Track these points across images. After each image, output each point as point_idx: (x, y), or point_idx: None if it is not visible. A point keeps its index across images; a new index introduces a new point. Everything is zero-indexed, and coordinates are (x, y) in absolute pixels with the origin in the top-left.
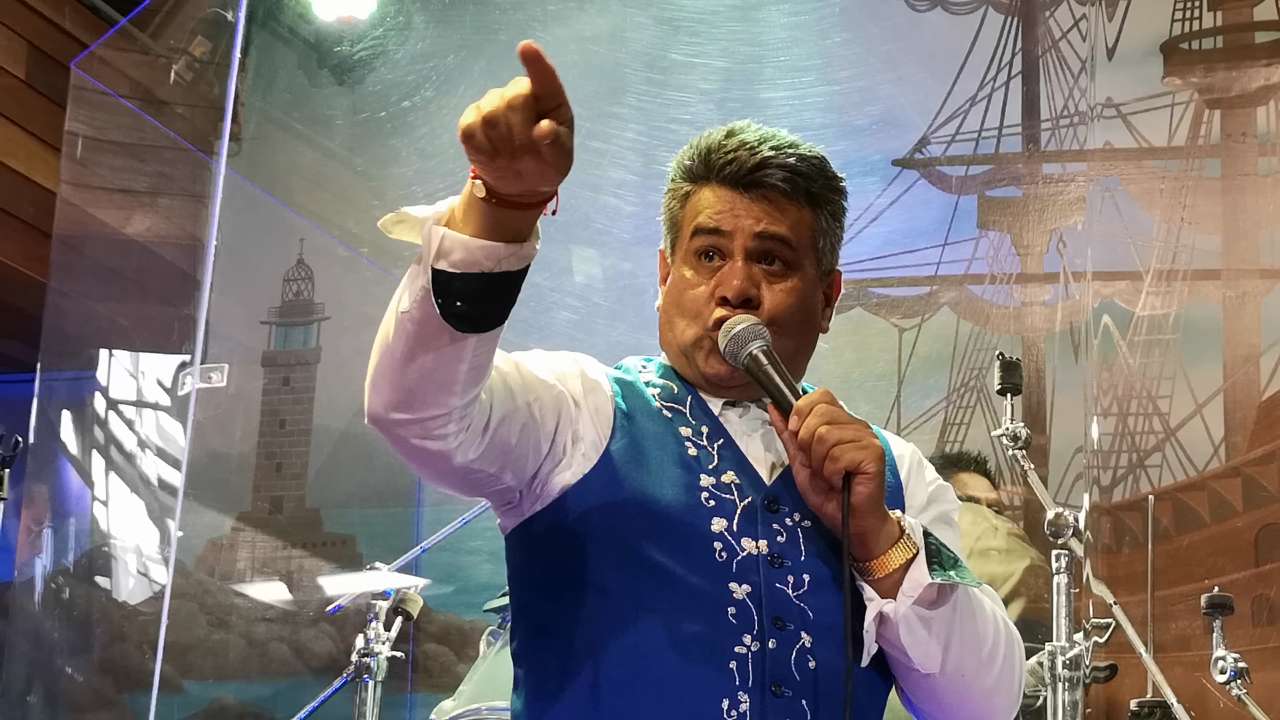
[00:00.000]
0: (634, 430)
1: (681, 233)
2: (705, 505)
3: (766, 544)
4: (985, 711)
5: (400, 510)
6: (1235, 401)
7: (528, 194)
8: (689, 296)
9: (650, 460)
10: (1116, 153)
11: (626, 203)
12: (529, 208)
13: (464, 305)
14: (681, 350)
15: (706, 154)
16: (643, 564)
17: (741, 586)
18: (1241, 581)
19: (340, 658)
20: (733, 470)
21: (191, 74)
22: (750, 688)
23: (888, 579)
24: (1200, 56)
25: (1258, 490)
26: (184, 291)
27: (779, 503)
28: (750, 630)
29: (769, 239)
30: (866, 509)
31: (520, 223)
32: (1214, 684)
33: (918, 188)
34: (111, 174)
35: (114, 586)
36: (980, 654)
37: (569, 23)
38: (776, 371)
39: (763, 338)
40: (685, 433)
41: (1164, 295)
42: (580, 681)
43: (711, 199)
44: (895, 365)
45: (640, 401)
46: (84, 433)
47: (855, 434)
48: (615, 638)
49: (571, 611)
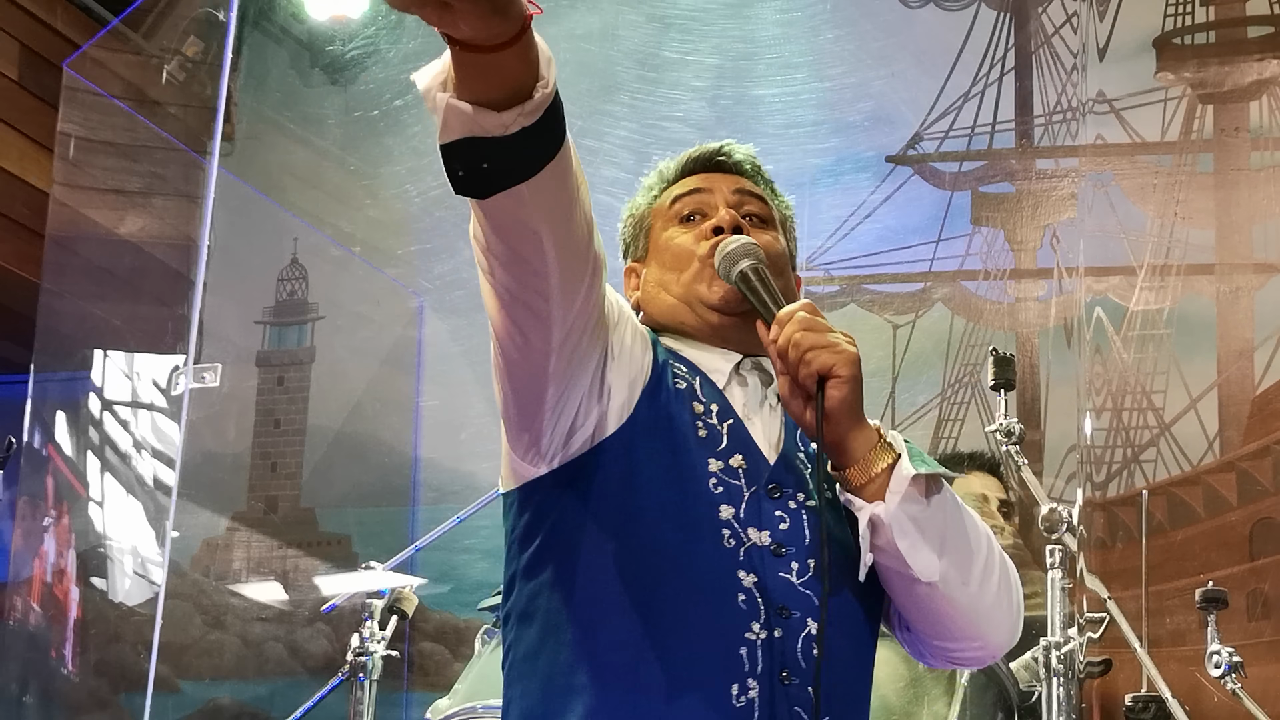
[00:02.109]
0: (660, 400)
1: (655, 222)
2: (714, 492)
3: (769, 534)
4: (986, 628)
5: (395, 510)
6: (1229, 396)
7: (482, 35)
8: (677, 245)
9: (671, 437)
10: (1109, 148)
11: (619, 201)
12: (500, 47)
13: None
14: (682, 299)
15: (671, 164)
16: (653, 545)
17: (748, 575)
18: (1236, 576)
19: (336, 657)
20: (740, 454)
21: (184, 74)
22: (760, 675)
23: (871, 484)
24: (1193, 51)
25: (1252, 485)
26: (177, 291)
27: (781, 486)
28: (758, 618)
29: (747, 195)
30: (841, 413)
31: (505, 66)
32: (1209, 678)
33: (911, 184)
34: (104, 174)
35: (109, 587)
36: (976, 561)
37: (560, 20)
38: (764, 286)
39: (754, 255)
40: (698, 409)
41: (1157, 290)
42: (584, 662)
43: (685, 180)
44: (889, 362)
45: (666, 371)
46: (78, 433)
47: (829, 339)
48: (622, 618)
49: (574, 584)
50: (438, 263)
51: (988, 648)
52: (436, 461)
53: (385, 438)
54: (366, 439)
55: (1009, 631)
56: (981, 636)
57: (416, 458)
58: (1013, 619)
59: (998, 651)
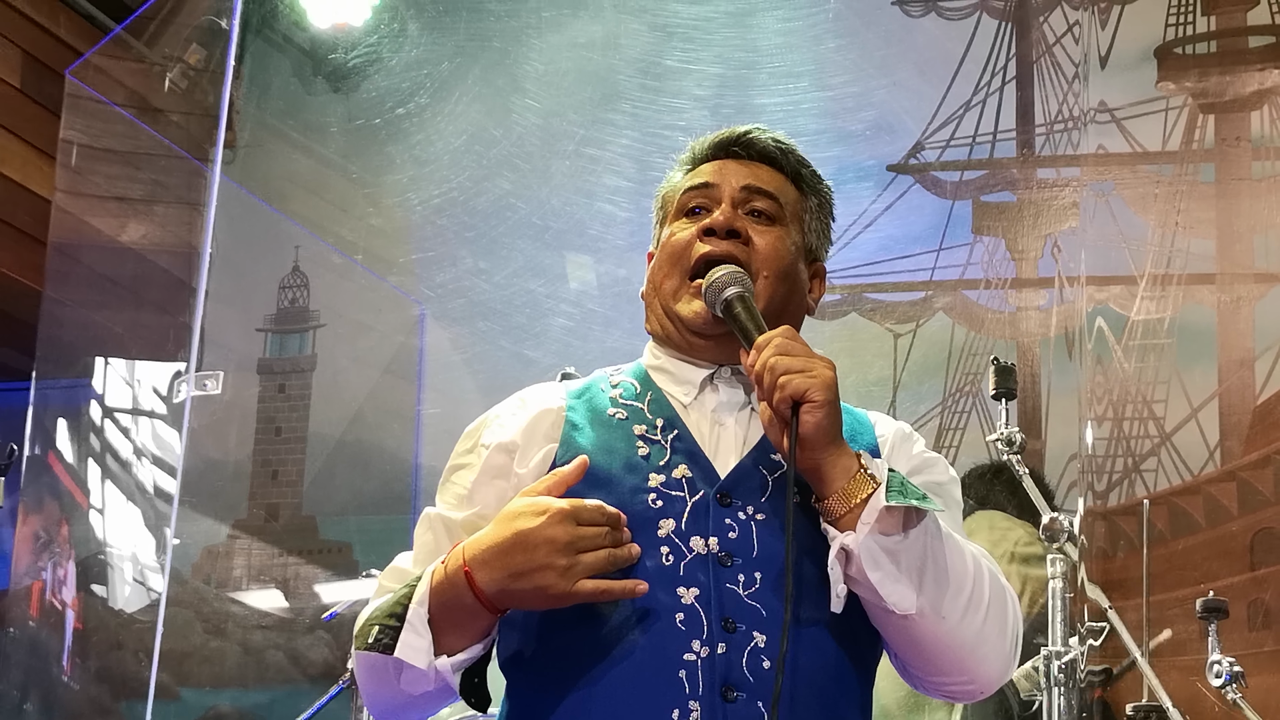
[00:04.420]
0: (580, 443)
1: (669, 209)
2: (653, 507)
3: (717, 541)
4: (972, 664)
5: (396, 517)
6: (1230, 406)
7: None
8: (673, 243)
9: (595, 471)
10: (1111, 157)
11: (621, 209)
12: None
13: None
14: (665, 310)
15: (701, 143)
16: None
17: (689, 590)
18: (1237, 586)
19: (336, 665)
20: (685, 464)
21: (186, 82)
22: (700, 695)
23: (849, 515)
24: (1194, 61)
25: (1253, 494)
26: (179, 299)
27: (731, 496)
28: (699, 635)
29: (755, 191)
30: (817, 440)
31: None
32: (1209, 688)
33: (912, 193)
34: (107, 182)
35: (110, 594)
36: (961, 595)
37: (563, 29)
38: (748, 314)
39: (741, 284)
40: (639, 431)
41: (1158, 300)
42: (544, 702)
43: (703, 167)
44: (890, 371)
45: (593, 411)
46: (80, 441)
47: (805, 364)
48: (569, 657)
49: (531, 631)
50: (439, 271)
51: (975, 682)
52: (437, 469)
53: (386, 445)
54: (368, 447)
55: (1000, 667)
56: (967, 671)
57: (417, 465)
58: (1004, 654)
59: (988, 687)
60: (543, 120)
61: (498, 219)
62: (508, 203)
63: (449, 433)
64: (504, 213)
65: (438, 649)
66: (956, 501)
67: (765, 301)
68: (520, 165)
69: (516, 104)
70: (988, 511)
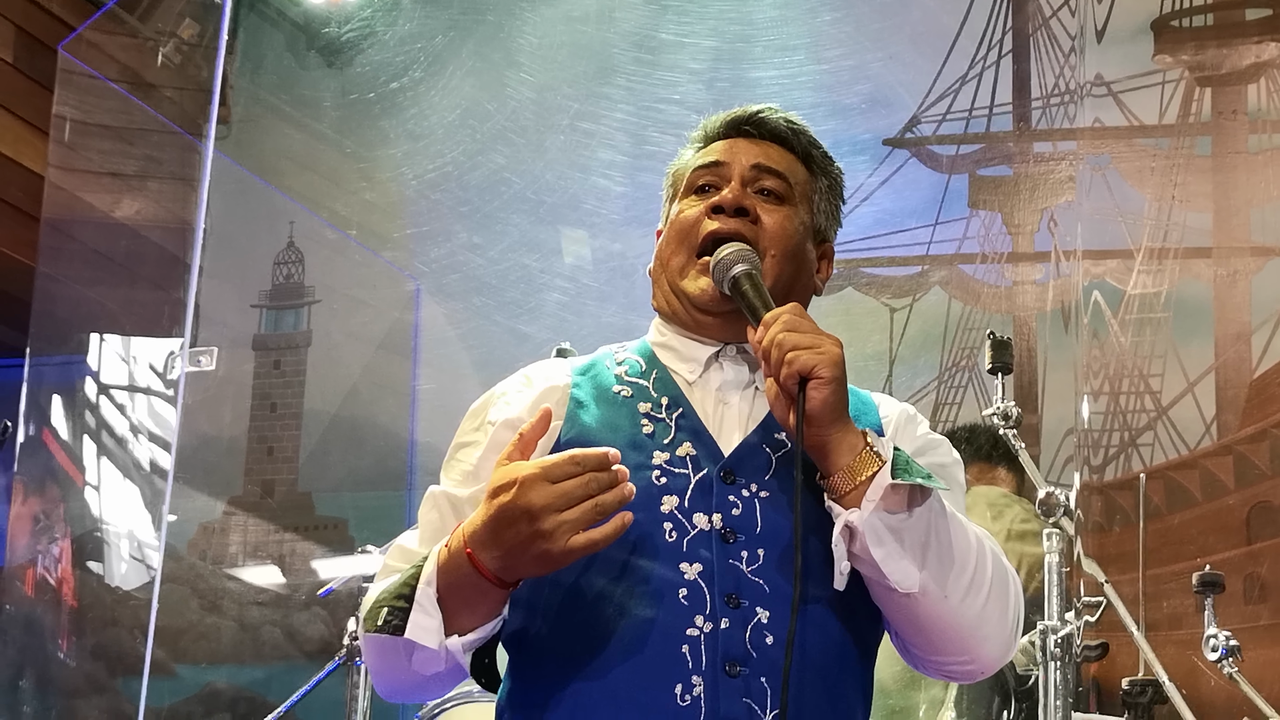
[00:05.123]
0: (585, 420)
1: (679, 186)
2: (656, 484)
3: (720, 517)
4: (973, 644)
5: (391, 493)
6: (1226, 380)
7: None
8: (682, 220)
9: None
10: (1107, 131)
11: (616, 184)
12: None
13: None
14: (672, 287)
15: (712, 121)
16: (593, 555)
17: (693, 566)
18: (1233, 560)
19: (333, 641)
20: (690, 442)
21: (180, 57)
22: (703, 670)
23: (854, 493)
24: (1191, 34)
25: (1249, 468)
26: (173, 275)
27: (735, 474)
28: (702, 611)
29: (764, 170)
30: (823, 417)
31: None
32: (1205, 662)
33: (908, 167)
34: (100, 157)
35: (105, 571)
36: (964, 574)
37: (557, 3)
38: (755, 291)
39: (748, 261)
40: (644, 409)
41: (1155, 273)
42: (546, 678)
43: (714, 145)
44: (887, 345)
45: (598, 388)
46: (74, 418)
47: (813, 340)
48: (571, 633)
49: (534, 608)
50: (433, 246)
51: (976, 662)
52: (433, 445)
53: (382, 421)
54: (363, 423)
55: (1001, 647)
56: (968, 651)
57: (413, 441)
58: (1005, 635)
59: (988, 667)
60: (537, 94)
61: (492, 194)
62: (502, 177)
63: (444, 408)
64: (498, 187)
65: (448, 629)
66: (960, 484)
67: (772, 280)
68: (514, 139)
69: (511, 78)
70: (984, 488)
